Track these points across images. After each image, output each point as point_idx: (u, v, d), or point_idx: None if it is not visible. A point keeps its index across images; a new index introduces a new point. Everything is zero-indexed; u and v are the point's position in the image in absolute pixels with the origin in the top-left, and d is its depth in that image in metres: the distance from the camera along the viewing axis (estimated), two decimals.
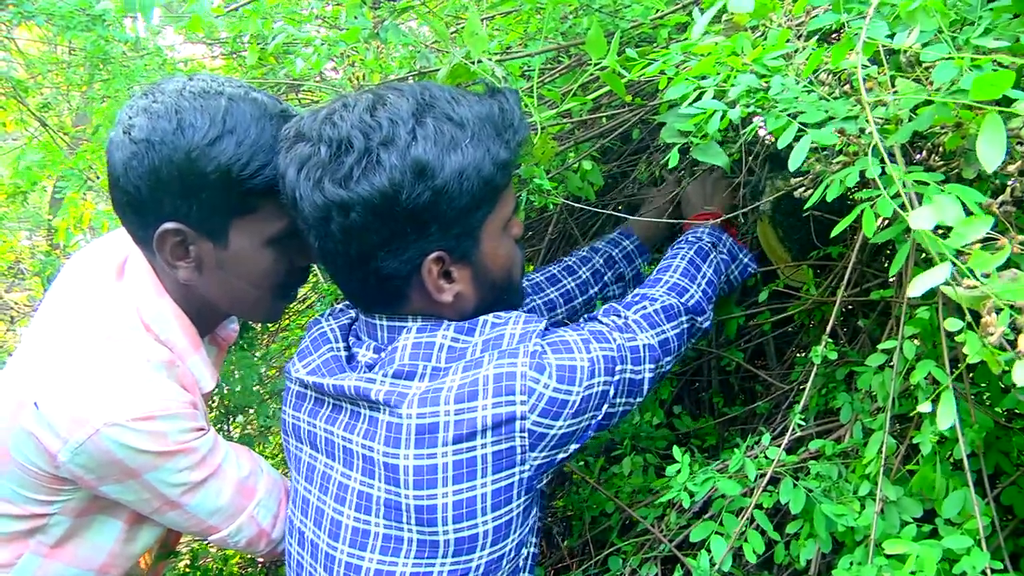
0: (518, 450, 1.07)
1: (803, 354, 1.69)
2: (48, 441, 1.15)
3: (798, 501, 1.14)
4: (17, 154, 2.42)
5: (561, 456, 1.13)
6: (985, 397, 1.15)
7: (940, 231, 0.70)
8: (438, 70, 1.32)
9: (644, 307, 1.32)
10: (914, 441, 1.00)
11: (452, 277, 1.15)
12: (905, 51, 0.79)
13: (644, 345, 1.24)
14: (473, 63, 1.24)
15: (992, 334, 0.65)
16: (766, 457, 1.24)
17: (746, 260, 1.60)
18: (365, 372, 1.17)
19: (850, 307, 1.62)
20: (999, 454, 1.13)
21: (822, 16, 0.88)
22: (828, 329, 1.22)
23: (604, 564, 1.52)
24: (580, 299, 1.67)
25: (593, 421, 1.14)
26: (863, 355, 1.36)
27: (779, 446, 1.22)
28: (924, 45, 0.79)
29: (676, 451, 1.31)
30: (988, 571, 0.86)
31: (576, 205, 1.72)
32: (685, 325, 1.35)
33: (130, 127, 1.17)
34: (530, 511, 1.16)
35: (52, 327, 1.25)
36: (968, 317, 0.70)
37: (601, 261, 1.69)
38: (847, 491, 1.13)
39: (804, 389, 1.52)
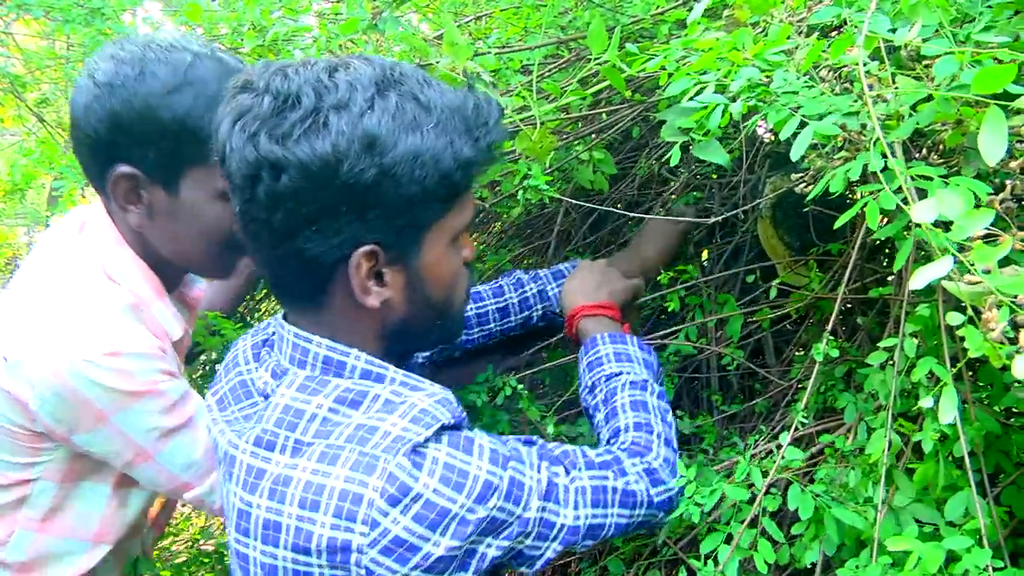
0: None
1: (802, 352, 1.69)
2: (19, 391, 1.17)
3: (807, 507, 1.13)
4: (15, 151, 2.42)
5: None
6: (984, 397, 1.15)
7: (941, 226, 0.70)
8: (439, 61, 1.32)
9: (605, 477, 1.13)
10: (915, 439, 1.00)
11: (383, 280, 1.02)
12: (906, 46, 0.79)
13: (563, 526, 1.06)
14: (458, 73, 1.23)
15: (993, 330, 0.65)
16: (769, 455, 1.22)
17: None
18: (236, 429, 1.07)
19: (848, 305, 1.62)
20: (999, 454, 1.13)
21: (823, 10, 0.88)
22: (829, 326, 1.21)
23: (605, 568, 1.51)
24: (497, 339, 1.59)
25: None
26: (862, 353, 1.36)
27: (780, 447, 1.21)
28: (925, 40, 0.79)
29: (680, 465, 1.28)
30: (990, 568, 0.85)
31: (574, 202, 1.71)
32: (638, 519, 1.17)
33: (94, 71, 1.20)
34: None
35: (18, 290, 1.28)
36: (970, 313, 0.70)
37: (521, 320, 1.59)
38: (858, 495, 1.12)
39: (804, 387, 1.52)
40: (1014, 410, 1.16)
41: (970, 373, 1.17)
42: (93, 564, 1.34)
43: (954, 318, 0.69)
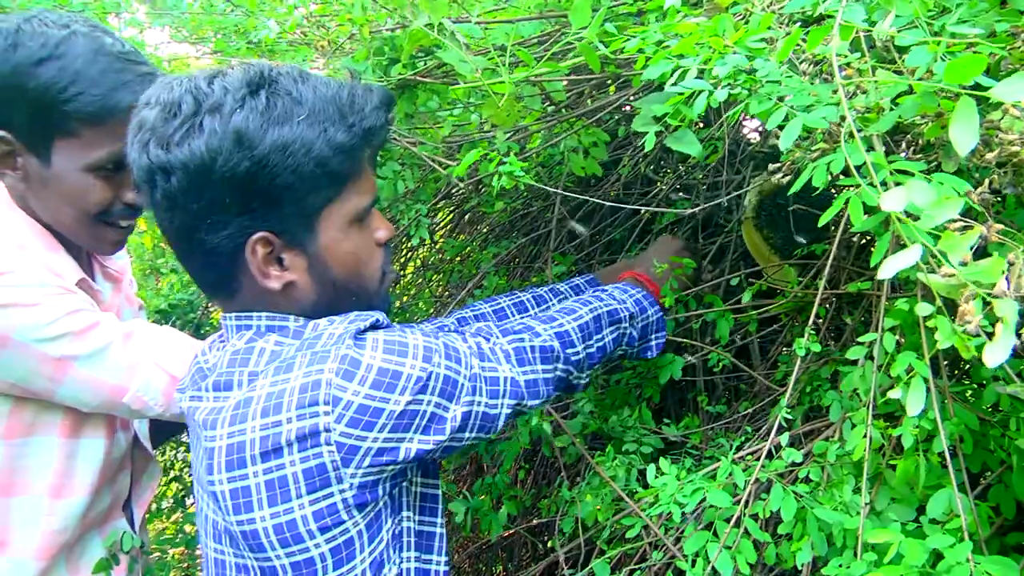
0: (329, 467, 0.99)
1: (786, 350, 1.69)
2: None
3: (789, 508, 1.12)
4: None
5: (387, 475, 1.04)
6: (969, 394, 1.14)
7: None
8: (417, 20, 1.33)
9: (522, 339, 1.24)
10: (894, 434, 0.99)
11: (284, 264, 1.09)
12: (881, 36, 0.78)
13: (506, 378, 1.16)
14: (433, 28, 1.25)
15: (970, 323, 0.63)
16: (758, 458, 1.22)
17: (654, 343, 1.54)
18: (197, 389, 1.12)
19: (837, 306, 1.61)
20: (985, 452, 1.12)
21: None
22: (811, 322, 1.20)
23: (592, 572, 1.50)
24: None
25: (422, 447, 1.04)
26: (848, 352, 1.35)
27: (775, 448, 1.20)
28: (900, 30, 0.78)
29: (663, 462, 1.28)
30: (971, 561, 0.84)
31: (562, 193, 1.70)
32: (559, 373, 1.28)
33: None
34: (379, 525, 1.07)
35: None
36: (939, 304, 0.69)
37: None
38: (841, 495, 1.11)
39: (789, 385, 1.51)
40: (1001, 408, 1.15)
41: (955, 370, 1.17)
42: (59, 524, 1.36)
43: (924, 308, 0.68)
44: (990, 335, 0.67)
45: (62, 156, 1.30)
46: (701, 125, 2.05)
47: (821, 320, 1.58)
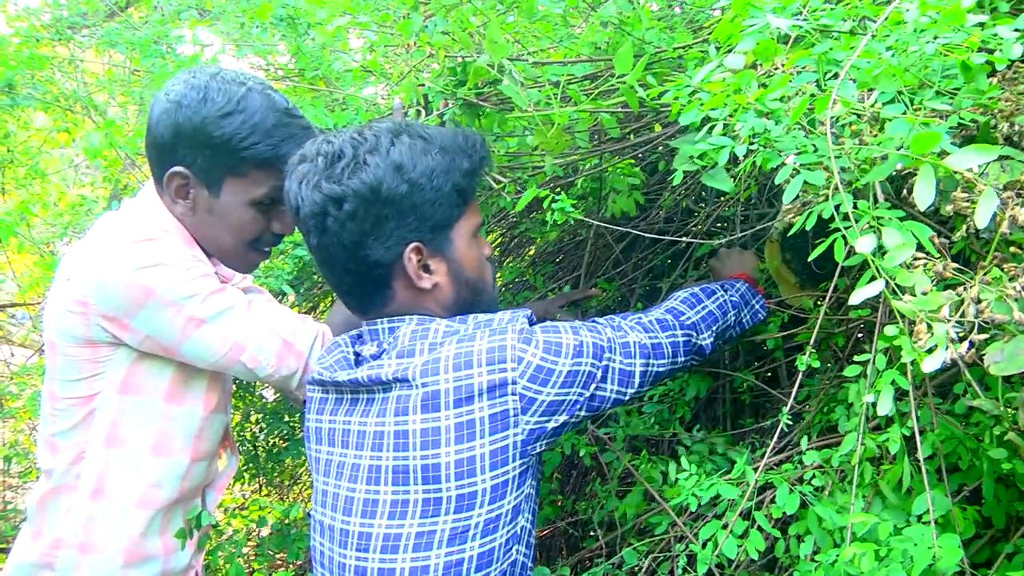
0: (511, 412, 1.23)
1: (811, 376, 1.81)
2: (77, 296, 1.44)
3: (792, 503, 1.28)
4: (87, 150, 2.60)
5: (552, 425, 1.27)
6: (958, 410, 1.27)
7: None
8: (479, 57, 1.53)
9: (639, 318, 1.50)
10: (879, 441, 1.13)
11: (430, 269, 1.36)
12: (869, 109, 0.93)
13: (635, 342, 1.40)
14: (493, 67, 1.47)
15: (920, 339, 0.79)
16: (777, 466, 1.36)
17: (758, 306, 1.74)
18: (374, 361, 1.34)
19: (860, 334, 1.74)
20: (979, 465, 1.25)
21: (804, 75, 1.02)
22: (812, 340, 1.35)
23: (621, 559, 1.65)
24: None
25: (581, 398, 1.30)
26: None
27: (778, 454, 1.34)
28: (886, 104, 0.94)
29: (684, 459, 1.45)
30: (935, 537, 0.98)
31: (607, 225, 1.85)
32: (680, 337, 1.51)
33: (170, 90, 1.51)
34: (525, 479, 1.30)
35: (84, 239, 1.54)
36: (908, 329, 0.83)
37: None
38: (837, 500, 1.26)
39: (810, 405, 1.65)
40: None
41: (950, 392, 1.30)
42: (155, 479, 1.55)
43: (890, 329, 0.84)
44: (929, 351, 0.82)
45: (230, 192, 1.54)
46: (743, 157, 2.19)
47: (843, 347, 1.71)
